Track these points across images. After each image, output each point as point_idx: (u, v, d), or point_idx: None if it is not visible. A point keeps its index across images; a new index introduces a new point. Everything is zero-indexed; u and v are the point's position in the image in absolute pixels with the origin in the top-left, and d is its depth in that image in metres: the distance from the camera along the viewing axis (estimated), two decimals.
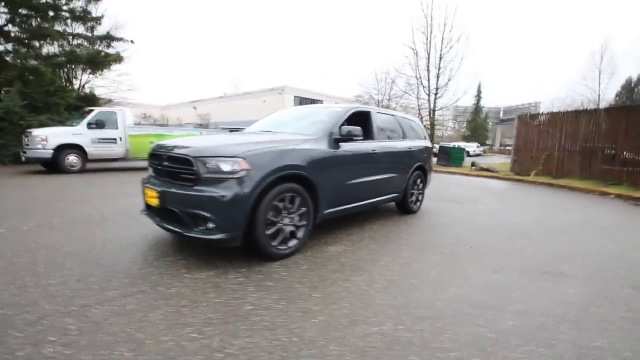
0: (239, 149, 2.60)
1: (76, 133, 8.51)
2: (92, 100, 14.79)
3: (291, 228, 2.90)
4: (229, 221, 2.47)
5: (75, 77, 15.60)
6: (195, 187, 2.53)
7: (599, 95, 36.25)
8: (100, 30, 14.95)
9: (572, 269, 2.97)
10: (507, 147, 50.10)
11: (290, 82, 35.00)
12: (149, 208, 2.99)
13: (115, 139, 9.12)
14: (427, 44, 16.81)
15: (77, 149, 8.49)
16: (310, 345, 1.70)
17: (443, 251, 3.30)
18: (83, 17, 14.07)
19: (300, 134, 3.33)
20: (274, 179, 2.64)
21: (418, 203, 5.08)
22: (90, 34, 14.91)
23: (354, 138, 3.39)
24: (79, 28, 14.75)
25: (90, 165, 9.05)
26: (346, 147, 3.46)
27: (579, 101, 37.10)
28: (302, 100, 31.19)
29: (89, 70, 15.06)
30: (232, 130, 11.33)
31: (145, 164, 3.92)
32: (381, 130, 4.26)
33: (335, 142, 3.34)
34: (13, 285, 2.22)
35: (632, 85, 34.61)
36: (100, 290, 2.17)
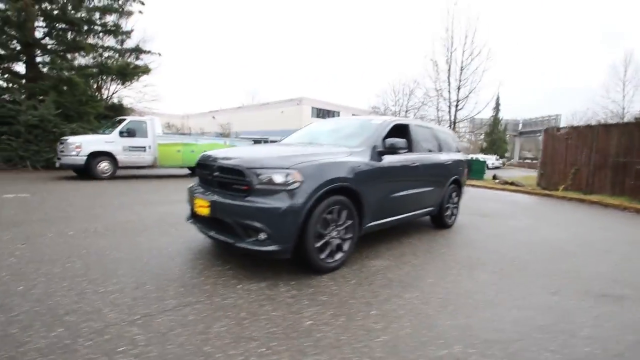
0: (292, 161, 2.61)
1: (108, 141, 8.79)
2: (119, 109, 15.34)
3: (338, 241, 2.86)
4: (282, 233, 2.45)
5: (105, 87, 16.23)
6: (247, 198, 2.54)
7: (623, 108, 35.22)
8: (129, 43, 15.59)
9: (633, 292, 2.80)
10: (527, 160, 48.96)
11: (308, 93, 35.43)
12: (196, 217, 3.01)
13: (144, 147, 9.37)
14: (448, 56, 16.77)
15: (109, 156, 8.75)
16: None
17: (492, 269, 3.18)
18: (114, 31, 14.70)
19: (344, 146, 3.32)
20: (325, 191, 2.62)
21: (453, 217, 4.97)
22: (120, 47, 15.55)
23: (399, 151, 3.35)
24: (110, 41, 15.42)
25: (119, 171, 9.30)
26: (388, 159, 3.43)
27: (601, 114, 36.21)
28: (319, 112, 31.54)
29: (118, 81, 15.65)
30: (256, 140, 11.47)
31: (172, 171, 3.96)
32: (419, 143, 4.20)
33: (378, 154, 3.32)
34: (72, 291, 2.25)
35: None
36: (158, 299, 2.17)
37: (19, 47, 12.45)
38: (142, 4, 14.45)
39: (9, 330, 1.76)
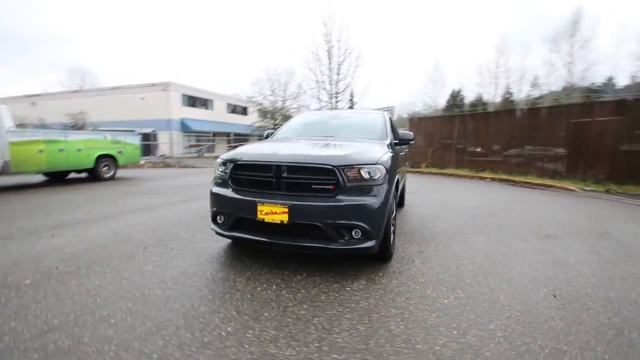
0: (375, 156, 2.70)
1: None
2: None
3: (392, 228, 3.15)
4: (376, 228, 2.58)
5: None
6: (338, 197, 2.51)
7: (435, 101, 47.02)
8: None
9: (556, 232, 4.27)
10: None
11: (175, 78, 31.23)
12: (247, 227, 2.70)
13: None
14: (328, 49, 18.26)
15: None
16: None
17: (452, 233, 4.16)
18: None
19: (371, 139, 3.55)
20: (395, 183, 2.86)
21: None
22: None
23: (410, 142, 3.84)
24: None
25: None
26: (396, 150, 3.88)
27: (420, 106, 47.72)
28: (191, 99, 28.45)
29: None
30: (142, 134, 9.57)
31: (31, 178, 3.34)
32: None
33: (394, 145, 3.71)
34: None
35: (455, 94, 46.25)
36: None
37: None
38: None
39: None
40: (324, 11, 19.64)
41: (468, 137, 13.48)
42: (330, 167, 2.53)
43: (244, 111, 34.39)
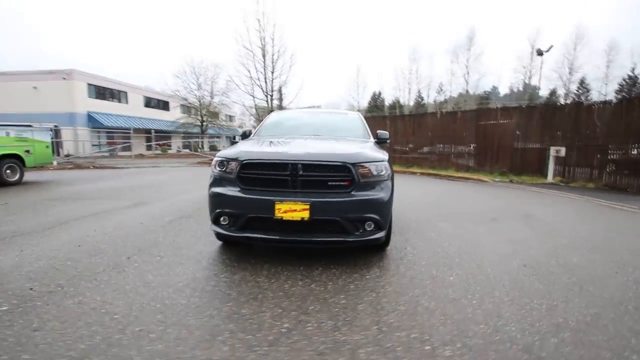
0: (381, 155, 2.93)
1: None
2: None
3: None
4: (386, 220, 2.81)
5: None
6: (353, 192, 2.68)
7: (358, 102, 50.20)
8: None
9: (497, 215, 5.12)
10: None
11: (80, 66, 26.72)
12: (265, 224, 2.69)
13: None
14: (262, 48, 17.95)
15: None
16: None
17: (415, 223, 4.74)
18: None
19: (358, 139, 3.77)
20: None
21: None
22: None
23: (387, 141, 4.18)
24: None
25: None
26: None
27: (344, 106, 50.95)
28: (99, 90, 24.75)
29: None
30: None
31: None
32: None
33: (376, 144, 4.00)
34: None
35: (376, 96, 50.01)
36: None
37: None
38: None
39: None
40: (257, 7, 18.95)
41: (398, 136, 14.82)
42: (346, 164, 2.68)
43: (165, 106, 31.41)
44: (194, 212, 4.94)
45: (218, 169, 2.95)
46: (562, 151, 9.68)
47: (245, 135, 4.34)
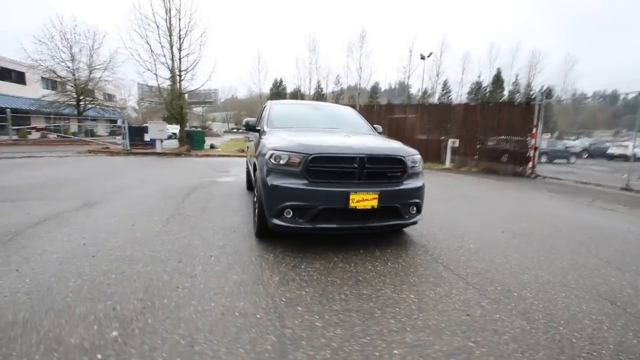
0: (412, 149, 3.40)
1: None
2: None
3: None
4: (423, 204, 3.36)
5: None
6: (405, 182, 3.13)
7: (260, 88, 49.39)
8: None
9: (444, 197, 6.29)
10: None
11: None
12: (346, 214, 2.89)
13: None
14: (168, 19, 15.82)
15: None
16: None
17: None
18: None
19: (366, 132, 4.17)
20: None
21: None
22: None
23: (381, 134, 4.68)
24: None
25: None
26: None
27: (243, 91, 49.86)
28: None
29: None
30: None
31: None
32: None
33: None
34: None
35: (278, 84, 50.10)
36: None
37: None
38: None
39: None
40: None
41: None
42: (402, 157, 3.09)
43: (19, 78, 24.25)
44: (180, 208, 4.48)
45: (274, 161, 2.94)
46: (457, 142, 12.14)
47: (250, 126, 4.20)
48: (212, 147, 20.05)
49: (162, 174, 8.08)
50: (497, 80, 45.38)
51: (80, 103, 22.54)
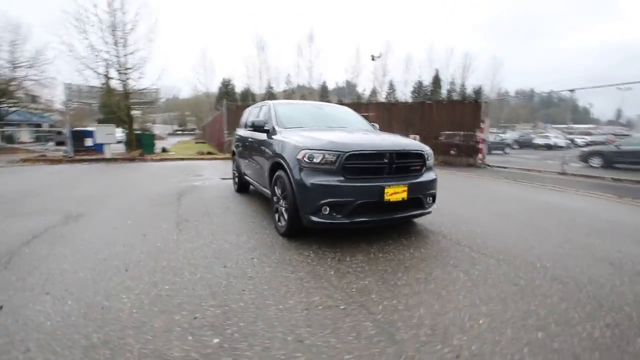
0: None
1: None
2: None
3: None
4: (436, 195, 3.66)
5: None
6: (424, 175, 3.40)
7: (207, 88, 47.49)
8: None
9: None
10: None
11: None
12: (380, 207, 3.06)
13: None
14: (110, 12, 14.41)
15: None
16: None
17: None
18: None
19: (375, 130, 4.38)
20: None
21: None
22: None
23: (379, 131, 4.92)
24: None
25: None
26: None
27: (186, 91, 48.16)
28: None
29: None
30: None
31: None
32: None
33: None
34: None
35: (227, 83, 48.46)
36: None
37: None
38: None
39: None
40: None
41: None
42: (422, 152, 3.35)
43: None
44: (181, 214, 4.25)
45: (308, 160, 3.01)
46: (417, 138, 13.01)
47: (257, 126, 4.15)
48: (164, 150, 18.84)
49: (131, 181, 7.46)
50: (436, 80, 49.10)
51: (1, 106, 19.47)
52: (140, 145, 16.55)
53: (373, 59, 27.71)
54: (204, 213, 4.38)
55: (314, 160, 3.00)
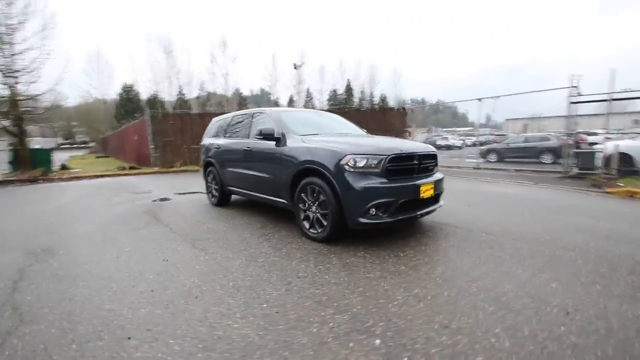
0: None
1: None
2: None
3: None
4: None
5: None
6: (435, 174, 3.84)
7: (104, 95, 41.65)
8: None
9: None
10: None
11: None
12: (407, 206, 3.31)
13: None
14: None
15: None
16: None
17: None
18: None
19: (373, 136, 4.66)
20: None
21: None
22: None
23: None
24: None
25: None
26: None
27: (75, 98, 42.17)
28: None
29: None
30: None
31: None
32: None
33: None
34: None
35: (129, 88, 43.04)
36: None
37: None
38: None
39: None
40: None
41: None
42: (435, 153, 3.79)
43: None
44: (178, 234, 3.81)
45: (351, 164, 3.13)
46: None
47: (266, 134, 4.00)
48: (64, 167, 15.85)
49: (64, 206, 6.16)
50: (349, 90, 52.83)
51: None
52: (32, 162, 13.65)
53: (295, 68, 28.42)
54: (205, 230, 4.01)
55: (358, 164, 3.13)
